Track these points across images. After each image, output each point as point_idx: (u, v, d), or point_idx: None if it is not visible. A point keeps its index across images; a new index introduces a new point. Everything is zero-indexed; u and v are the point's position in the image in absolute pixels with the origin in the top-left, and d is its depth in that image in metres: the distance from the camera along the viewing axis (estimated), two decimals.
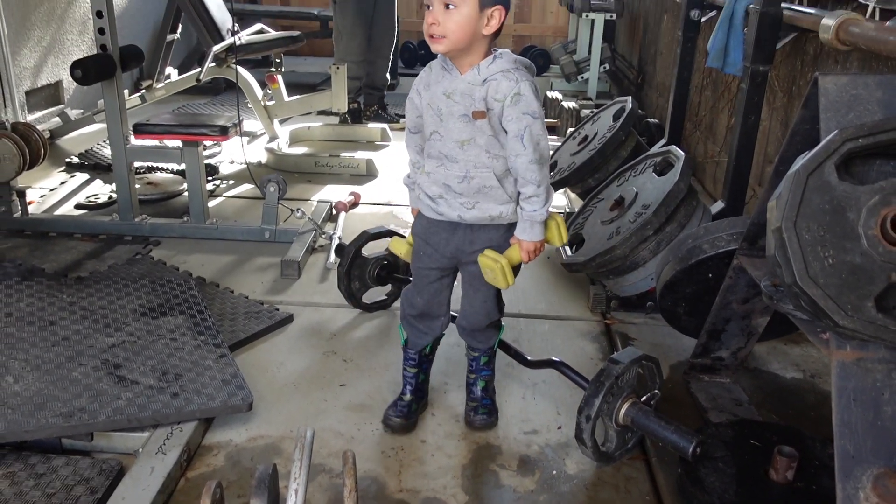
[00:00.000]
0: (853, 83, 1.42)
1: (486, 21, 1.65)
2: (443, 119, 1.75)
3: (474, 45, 1.68)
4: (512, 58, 1.72)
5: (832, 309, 1.27)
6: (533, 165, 1.72)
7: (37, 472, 1.72)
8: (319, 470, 1.85)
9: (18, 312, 2.22)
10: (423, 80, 1.82)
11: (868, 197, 1.28)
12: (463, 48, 1.68)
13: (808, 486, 1.70)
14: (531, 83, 1.70)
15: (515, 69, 1.69)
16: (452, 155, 1.77)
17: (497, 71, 1.68)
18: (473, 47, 1.69)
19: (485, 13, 1.64)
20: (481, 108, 1.70)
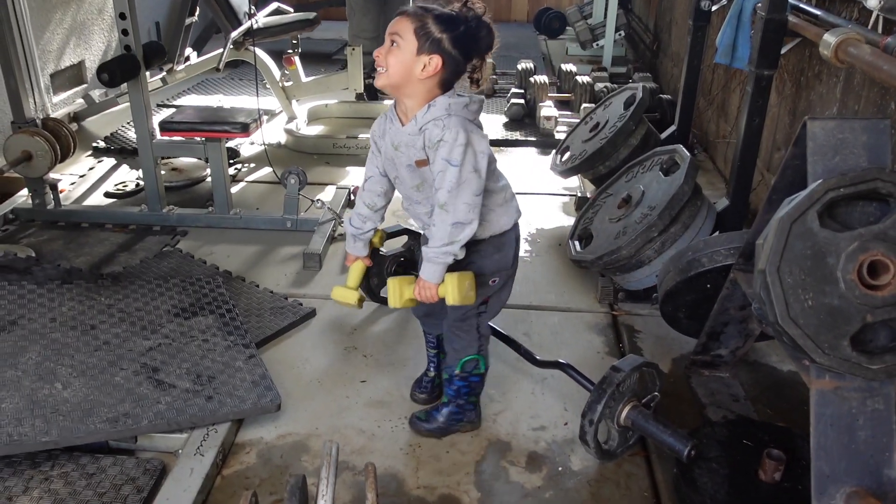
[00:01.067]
0: (840, 127, 1.50)
1: (422, 66, 1.75)
2: (396, 167, 1.91)
3: (411, 87, 1.79)
4: (445, 104, 1.79)
5: (810, 347, 1.39)
6: (439, 209, 1.83)
7: (87, 472, 1.89)
8: (344, 468, 2.01)
9: (62, 317, 2.38)
10: (377, 130, 1.96)
11: (847, 243, 1.39)
12: (399, 87, 1.79)
13: (794, 486, 1.84)
14: (459, 130, 1.76)
15: (446, 116, 1.78)
16: (413, 196, 1.95)
17: (430, 119, 1.79)
18: (411, 90, 1.80)
19: (421, 58, 1.75)
20: (422, 157, 1.83)
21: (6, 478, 1.85)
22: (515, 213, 2.01)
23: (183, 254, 3.06)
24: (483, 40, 1.82)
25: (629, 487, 1.98)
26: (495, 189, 1.93)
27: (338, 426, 2.17)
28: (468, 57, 1.81)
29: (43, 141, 3.14)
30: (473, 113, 1.83)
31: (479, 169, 1.81)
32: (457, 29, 1.77)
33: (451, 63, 1.78)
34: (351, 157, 4.27)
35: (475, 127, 1.83)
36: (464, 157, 1.78)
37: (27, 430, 1.90)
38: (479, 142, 1.81)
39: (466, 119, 1.81)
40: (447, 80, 1.81)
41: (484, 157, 1.82)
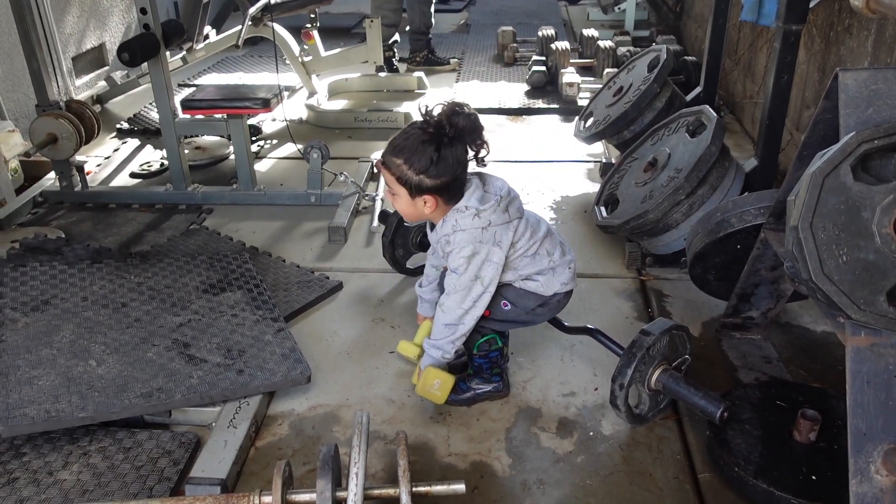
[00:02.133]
0: (873, 78, 1.46)
1: (422, 204, 1.89)
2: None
3: (430, 216, 1.95)
4: (452, 220, 1.91)
5: (846, 304, 1.36)
6: (438, 308, 2.01)
7: (124, 447, 1.93)
8: (375, 437, 2.02)
9: (93, 296, 2.41)
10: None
11: (882, 196, 1.35)
12: (421, 220, 2.00)
13: (830, 445, 1.82)
14: (463, 245, 1.90)
15: (453, 232, 1.92)
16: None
17: (442, 235, 1.96)
18: (433, 217, 1.96)
19: (416, 201, 1.89)
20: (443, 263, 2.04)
21: (46, 453, 1.89)
22: (559, 286, 2.05)
23: (209, 231, 3.08)
24: (468, 139, 1.85)
25: (661, 451, 1.97)
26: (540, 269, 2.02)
27: (368, 397, 2.18)
28: (460, 167, 1.86)
29: (67, 123, 3.16)
30: (486, 220, 1.89)
31: (481, 276, 1.93)
32: (430, 162, 1.82)
33: (444, 189, 1.87)
34: (373, 131, 4.26)
35: (486, 235, 1.90)
36: (466, 266, 1.91)
37: (64, 407, 1.94)
38: (487, 251, 1.91)
39: (476, 229, 1.89)
40: (449, 197, 1.90)
41: (491, 264, 1.92)
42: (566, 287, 2.07)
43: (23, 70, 3.46)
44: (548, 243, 2.02)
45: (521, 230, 1.96)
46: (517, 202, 1.98)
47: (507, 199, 1.94)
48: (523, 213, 1.99)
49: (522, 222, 1.97)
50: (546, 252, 2.01)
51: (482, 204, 1.90)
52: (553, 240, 2.05)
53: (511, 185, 2.01)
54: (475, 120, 1.86)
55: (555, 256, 2.03)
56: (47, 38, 4.04)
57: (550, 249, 2.02)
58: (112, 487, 1.79)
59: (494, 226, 1.91)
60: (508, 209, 1.93)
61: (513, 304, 2.05)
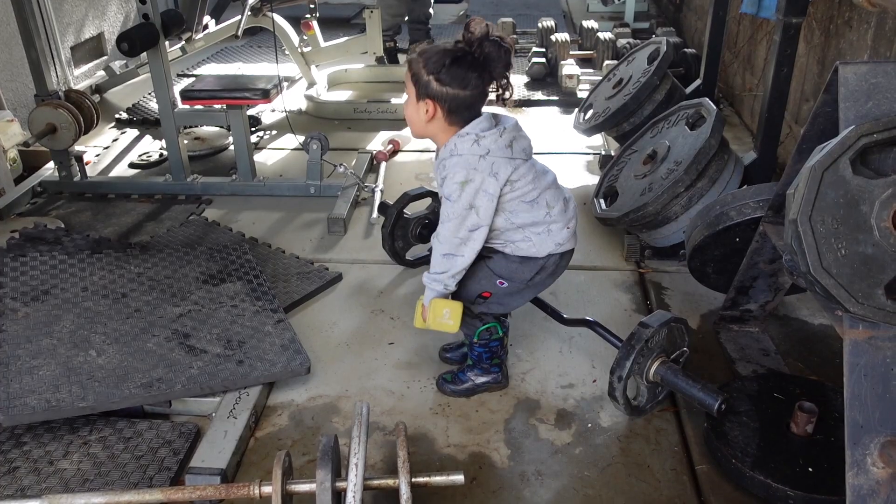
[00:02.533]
0: (873, 72, 1.46)
1: (424, 112, 1.85)
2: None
3: (429, 132, 1.91)
4: (451, 145, 1.87)
5: (844, 297, 1.37)
6: (434, 239, 1.95)
7: (125, 437, 1.94)
8: (374, 428, 2.03)
9: (93, 286, 2.42)
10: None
11: (881, 190, 1.36)
12: (422, 134, 1.93)
13: (826, 438, 1.83)
14: (457, 170, 1.84)
15: (449, 157, 1.87)
16: None
17: (441, 160, 1.91)
18: (431, 134, 1.91)
19: (420, 105, 1.85)
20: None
21: (47, 443, 1.90)
22: (553, 247, 1.98)
23: (209, 222, 3.09)
24: (492, 63, 1.82)
25: (659, 442, 1.98)
26: (536, 221, 1.94)
27: (367, 388, 2.19)
28: (472, 86, 1.82)
29: (66, 113, 3.16)
30: (485, 148, 1.84)
31: (476, 206, 1.86)
32: (442, 67, 1.80)
33: (447, 101, 1.82)
34: (372, 122, 4.25)
35: (483, 164, 1.84)
36: (459, 193, 1.85)
37: (64, 396, 1.94)
38: (482, 180, 1.84)
39: (473, 156, 1.84)
40: (454, 117, 1.85)
41: (486, 195, 1.85)
42: (562, 248, 1.99)
43: (21, 59, 3.45)
44: (550, 194, 1.95)
45: (523, 171, 1.89)
46: (524, 143, 1.91)
47: (511, 132, 1.87)
48: (529, 156, 1.92)
49: (526, 164, 1.90)
50: (546, 203, 1.94)
51: (483, 131, 1.85)
52: (557, 193, 1.97)
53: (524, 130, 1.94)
54: (504, 53, 1.82)
55: (554, 211, 1.95)
56: (46, 28, 4.02)
57: (552, 202, 1.95)
58: (112, 477, 1.80)
59: (493, 156, 1.84)
60: (512, 145, 1.87)
61: (508, 280, 2.00)
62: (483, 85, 1.83)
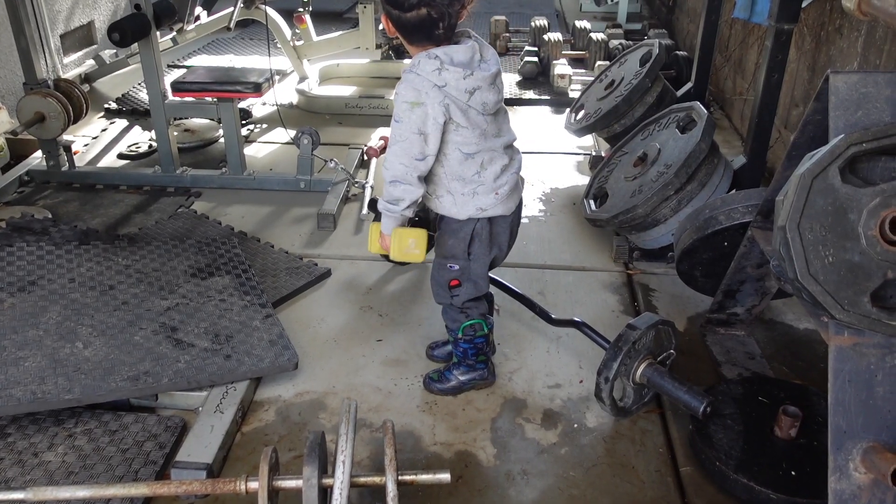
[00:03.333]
0: (863, 81, 1.47)
1: (384, 21, 1.82)
2: None
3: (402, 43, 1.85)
4: (413, 63, 1.78)
5: (830, 304, 1.38)
6: (383, 165, 1.86)
7: (110, 429, 1.93)
8: (361, 425, 2.03)
9: (80, 277, 2.40)
10: None
11: (869, 199, 1.37)
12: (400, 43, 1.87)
13: (810, 442, 1.85)
14: (408, 88, 1.76)
15: (409, 71, 1.78)
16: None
17: (404, 71, 1.80)
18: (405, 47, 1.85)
19: (383, 16, 1.82)
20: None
21: (31, 434, 1.89)
22: (474, 210, 1.89)
23: (198, 215, 3.07)
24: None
25: (644, 444, 1.99)
26: (464, 176, 1.86)
27: (354, 384, 2.19)
28: (410, 8, 1.71)
29: (55, 102, 3.13)
30: (444, 80, 1.74)
31: (424, 132, 1.77)
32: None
33: (391, 19, 1.77)
34: (364, 118, 4.24)
35: (435, 93, 1.74)
36: (409, 115, 1.76)
37: (50, 388, 1.93)
38: (432, 107, 1.75)
39: (428, 80, 1.74)
40: (405, 35, 1.79)
41: (435, 124, 1.76)
42: (484, 213, 1.89)
43: (10, 47, 3.42)
44: (489, 156, 1.85)
45: (472, 121, 1.79)
46: (488, 96, 1.79)
47: (478, 80, 1.76)
48: (487, 112, 1.82)
49: (478, 116, 1.80)
50: (481, 162, 1.84)
51: (451, 64, 1.74)
52: (497, 157, 1.87)
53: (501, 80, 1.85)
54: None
55: (486, 173, 1.86)
56: (36, 15, 3.98)
57: (487, 163, 1.85)
58: (97, 470, 1.80)
59: (448, 91, 1.74)
60: (474, 93, 1.76)
61: (453, 259, 1.96)
62: (424, 6, 1.70)
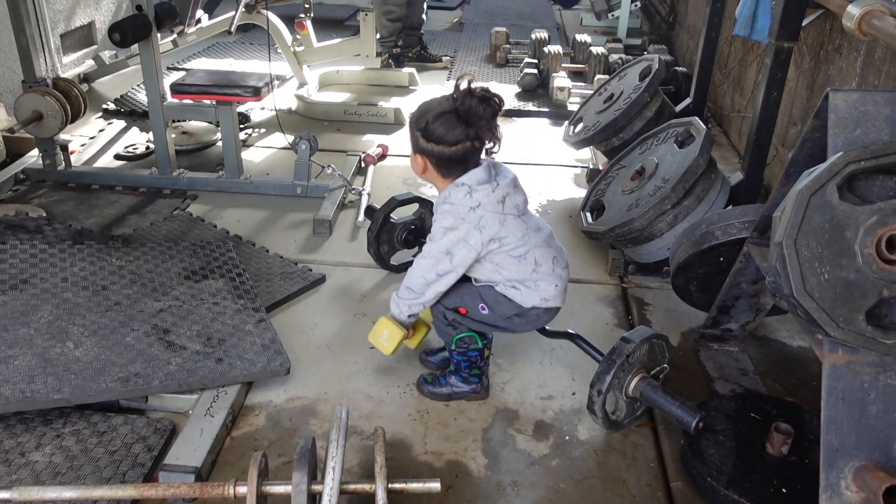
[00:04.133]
0: (862, 100, 1.48)
1: (416, 162, 1.98)
2: None
3: (429, 179, 2.00)
4: (445, 194, 1.95)
5: (825, 321, 1.38)
6: (411, 269, 2.02)
7: (99, 431, 1.91)
8: (352, 432, 2.02)
9: (73, 277, 2.39)
10: None
11: (866, 217, 1.37)
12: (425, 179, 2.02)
13: (801, 460, 1.85)
14: (445, 216, 1.94)
15: (443, 202, 1.96)
16: None
17: (437, 204, 2.00)
18: (432, 181, 2.01)
19: (416, 157, 1.97)
20: None
21: (19, 434, 1.88)
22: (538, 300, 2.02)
23: (193, 217, 3.06)
24: (475, 118, 1.88)
25: (635, 458, 1.99)
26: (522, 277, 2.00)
27: (346, 391, 2.18)
28: (456, 142, 1.88)
29: (54, 101, 3.13)
30: (477, 201, 1.90)
31: (452, 253, 1.94)
32: (426, 123, 1.90)
33: (434, 156, 1.91)
34: (362, 125, 4.24)
35: (472, 216, 1.90)
36: (441, 236, 1.94)
37: (39, 388, 1.92)
38: (467, 231, 1.91)
39: (463, 206, 1.91)
40: (444, 170, 1.94)
41: (466, 245, 1.92)
42: (547, 303, 2.04)
43: (10, 45, 3.41)
44: (539, 252, 1.99)
45: (513, 227, 1.94)
46: (517, 199, 1.96)
47: (505, 188, 1.92)
48: (522, 213, 1.97)
49: (516, 220, 1.95)
50: (534, 260, 1.98)
51: (478, 184, 1.91)
52: (547, 252, 2.01)
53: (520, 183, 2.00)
54: (487, 108, 1.87)
55: (542, 268, 1.99)
56: (37, 14, 3.98)
57: (540, 259, 1.99)
58: (85, 471, 1.78)
59: (483, 209, 1.90)
60: (505, 201, 1.92)
61: (490, 309, 2.04)
62: (469, 140, 1.89)
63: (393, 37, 5.08)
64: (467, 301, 2.04)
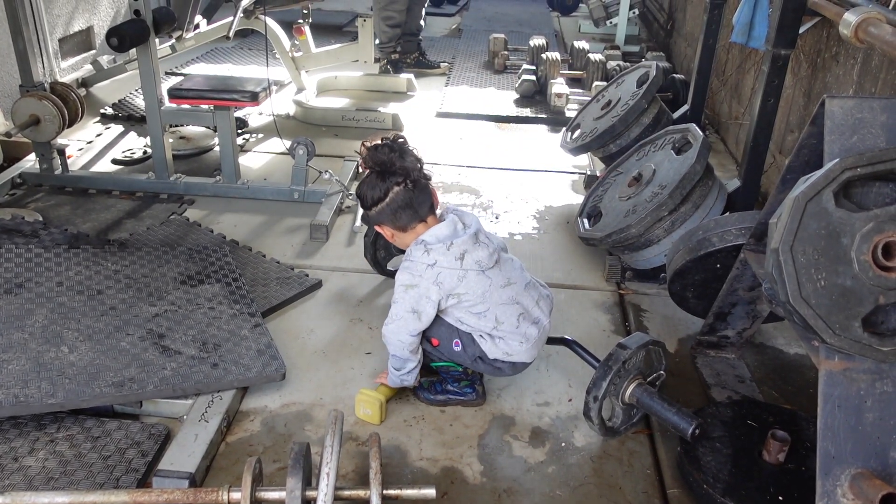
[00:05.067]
0: (858, 106, 1.48)
1: (388, 234, 2.05)
2: None
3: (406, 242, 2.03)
4: (409, 250, 2.00)
5: (821, 328, 1.38)
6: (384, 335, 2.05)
7: (93, 436, 1.90)
8: (347, 437, 2.01)
9: (68, 281, 2.38)
10: None
11: (862, 224, 1.37)
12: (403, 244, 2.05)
13: (798, 467, 1.84)
14: (404, 273, 1.98)
15: (404, 260, 2.01)
16: None
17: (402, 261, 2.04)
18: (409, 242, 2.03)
19: (380, 230, 2.06)
20: None
21: (12, 438, 1.87)
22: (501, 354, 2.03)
23: (190, 222, 3.06)
24: (391, 164, 1.92)
25: (632, 464, 1.98)
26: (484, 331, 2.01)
27: (342, 396, 2.17)
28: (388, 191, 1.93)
29: (51, 105, 3.12)
30: (433, 259, 1.93)
31: (418, 311, 1.96)
32: (364, 197, 1.98)
33: (383, 216, 1.98)
34: (360, 130, 4.24)
35: (429, 272, 1.93)
36: (403, 296, 1.97)
37: (33, 392, 1.91)
38: (426, 287, 1.94)
39: (421, 263, 1.94)
40: (400, 223, 1.99)
41: (429, 301, 1.95)
42: (511, 358, 2.03)
43: (7, 49, 3.41)
44: (501, 310, 1.98)
45: (473, 283, 1.94)
46: (479, 254, 1.94)
47: (462, 245, 1.93)
48: (486, 267, 1.95)
49: (478, 276, 1.95)
50: (495, 318, 1.98)
51: (435, 242, 1.94)
52: (511, 309, 2.00)
53: (485, 236, 2.00)
54: (392, 149, 1.92)
55: (504, 326, 1.99)
56: (35, 18, 3.99)
57: (502, 317, 1.98)
58: (78, 476, 1.77)
59: (440, 267, 1.93)
60: (464, 257, 1.93)
61: (462, 347, 2.05)
62: (397, 183, 1.93)
63: (392, 43, 5.10)
64: (443, 334, 2.05)
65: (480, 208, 3.40)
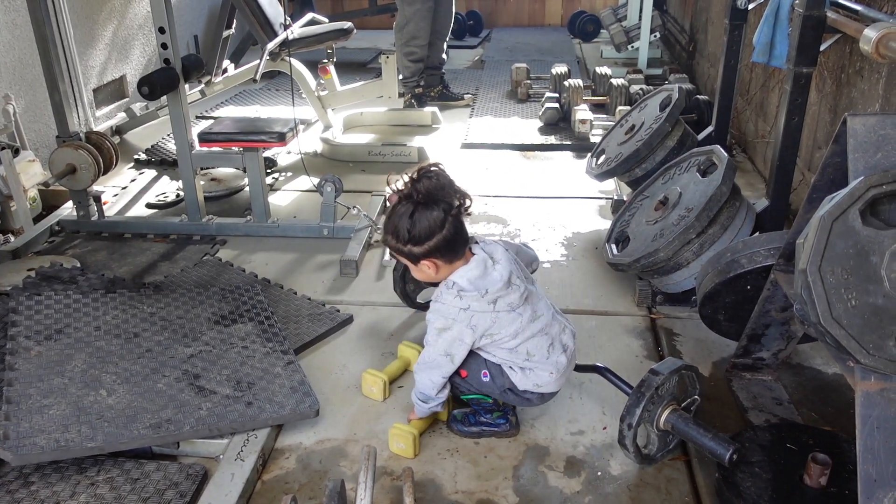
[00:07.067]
0: (881, 123, 1.47)
1: (427, 269, 1.96)
2: None
3: (444, 276, 1.99)
4: (438, 292, 1.99)
5: (854, 348, 1.36)
6: (416, 373, 2.08)
7: (132, 478, 1.93)
8: (382, 472, 2.02)
9: (106, 325, 2.43)
10: None
11: (891, 241, 1.36)
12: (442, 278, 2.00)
13: (841, 491, 1.80)
14: (436, 317, 1.98)
15: (434, 301, 2.00)
16: None
17: (432, 300, 2.03)
18: (446, 276, 1.99)
19: (420, 267, 1.97)
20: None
21: (54, 483, 1.90)
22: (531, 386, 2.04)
23: (222, 262, 3.11)
24: (438, 192, 1.89)
25: (670, 492, 1.95)
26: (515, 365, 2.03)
27: (375, 431, 2.18)
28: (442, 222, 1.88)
29: (87, 154, 3.22)
30: (466, 304, 1.93)
31: (451, 354, 1.98)
32: (407, 231, 1.89)
33: (437, 250, 1.91)
34: (387, 165, 4.30)
35: (462, 316, 1.93)
36: (437, 339, 1.98)
37: (73, 436, 1.95)
38: (460, 331, 1.95)
39: (454, 306, 1.94)
40: (451, 254, 1.94)
41: (462, 344, 1.97)
42: (540, 389, 2.05)
43: (44, 101, 3.53)
44: (532, 343, 2.00)
45: (505, 322, 1.96)
46: (511, 298, 1.95)
47: (495, 293, 1.94)
48: (517, 307, 1.96)
49: (510, 315, 1.96)
50: (526, 351, 2.00)
51: (469, 288, 1.93)
52: (542, 340, 2.01)
53: (517, 276, 1.99)
54: (440, 178, 1.90)
55: (535, 358, 2.01)
56: (70, 71, 4.12)
57: (533, 350, 2.00)
58: None
59: (473, 311, 1.94)
60: (497, 302, 1.94)
61: (491, 378, 2.06)
62: (446, 213, 1.90)
63: (415, 77, 5.17)
64: (471, 365, 2.06)
65: (508, 237, 3.41)
